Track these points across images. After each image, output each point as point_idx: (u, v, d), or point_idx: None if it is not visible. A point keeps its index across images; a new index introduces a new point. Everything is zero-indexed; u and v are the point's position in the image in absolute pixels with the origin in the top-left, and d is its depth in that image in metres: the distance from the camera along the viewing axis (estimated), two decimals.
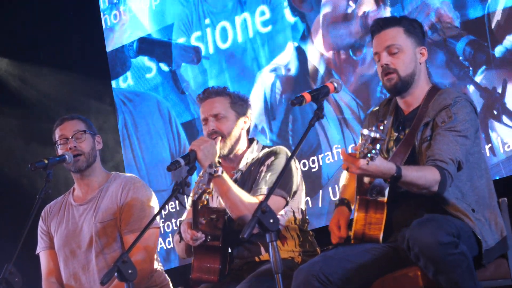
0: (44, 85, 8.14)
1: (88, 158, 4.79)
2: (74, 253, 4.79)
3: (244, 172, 4.50)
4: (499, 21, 5.62)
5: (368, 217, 3.82)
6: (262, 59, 6.80)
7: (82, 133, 4.81)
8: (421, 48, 4.00)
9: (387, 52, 3.96)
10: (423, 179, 3.64)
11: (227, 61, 7.02)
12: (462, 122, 3.80)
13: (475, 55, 5.68)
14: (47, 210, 5.00)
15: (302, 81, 6.53)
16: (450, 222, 3.61)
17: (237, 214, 4.24)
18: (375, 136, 3.33)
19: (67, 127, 4.83)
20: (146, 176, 7.43)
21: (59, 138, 4.83)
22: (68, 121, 4.86)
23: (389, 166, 3.57)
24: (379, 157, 3.48)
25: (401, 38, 3.97)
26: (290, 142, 6.54)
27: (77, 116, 4.92)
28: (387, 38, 3.97)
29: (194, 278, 4.32)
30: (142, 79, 7.61)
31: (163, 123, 7.42)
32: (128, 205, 4.74)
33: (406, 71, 3.94)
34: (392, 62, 3.94)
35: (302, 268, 3.78)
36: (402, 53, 3.95)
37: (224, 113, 4.50)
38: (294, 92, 6.53)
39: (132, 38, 7.65)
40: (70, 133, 4.80)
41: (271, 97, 6.71)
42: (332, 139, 6.35)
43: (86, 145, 4.80)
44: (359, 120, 6.20)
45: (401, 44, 3.96)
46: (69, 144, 4.77)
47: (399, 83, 3.94)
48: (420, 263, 3.53)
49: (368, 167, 3.46)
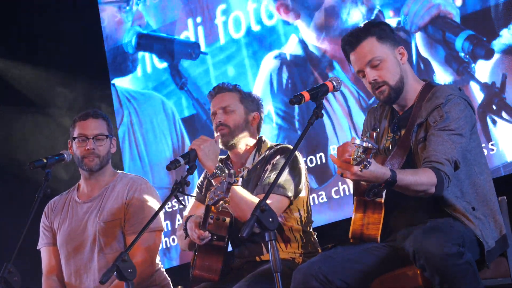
0: (42, 83, 8.14)
1: (102, 161, 4.76)
2: (77, 250, 4.76)
3: (251, 169, 4.49)
4: (498, 16, 5.61)
5: (366, 217, 3.83)
6: (263, 50, 6.80)
7: (104, 138, 4.75)
8: (398, 48, 3.94)
9: (370, 66, 3.89)
10: (419, 182, 3.62)
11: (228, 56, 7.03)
12: (456, 120, 3.76)
13: (474, 50, 5.67)
14: (50, 205, 4.96)
15: (307, 67, 6.52)
16: (454, 230, 3.58)
17: (242, 217, 4.23)
18: (367, 146, 3.33)
19: (90, 125, 4.73)
20: (150, 172, 7.43)
21: (79, 136, 4.74)
22: (93, 119, 4.76)
23: (383, 171, 3.54)
24: (374, 163, 3.48)
25: (378, 48, 3.90)
26: (297, 126, 6.53)
27: (102, 115, 4.80)
28: (364, 53, 3.90)
29: (195, 276, 4.32)
30: (142, 76, 7.60)
31: (167, 123, 7.42)
32: (132, 206, 4.71)
33: (394, 78, 3.89)
34: (379, 75, 3.89)
35: (301, 268, 3.77)
36: (385, 63, 3.89)
37: (232, 107, 4.50)
38: (300, 76, 6.52)
39: (132, 35, 7.66)
40: (91, 134, 4.71)
41: (277, 81, 6.69)
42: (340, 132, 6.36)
43: (104, 149, 4.75)
44: (363, 108, 6.19)
45: (380, 55, 3.89)
46: (88, 145, 4.70)
47: (392, 93, 3.90)
48: (426, 273, 3.51)
49: (362, 173, 3.44)
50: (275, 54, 6.73)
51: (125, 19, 7.72)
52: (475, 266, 3.54)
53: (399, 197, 3.82)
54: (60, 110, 7.96)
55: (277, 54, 6.72)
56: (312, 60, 6.51)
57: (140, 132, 7.57)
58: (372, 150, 3.33)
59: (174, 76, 7.35)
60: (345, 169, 3.46)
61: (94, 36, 7.88)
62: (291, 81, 6.63)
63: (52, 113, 7.95)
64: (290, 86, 6.63)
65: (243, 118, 4.52)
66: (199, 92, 7.19)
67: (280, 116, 6.61)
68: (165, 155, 7.36)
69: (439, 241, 3.47)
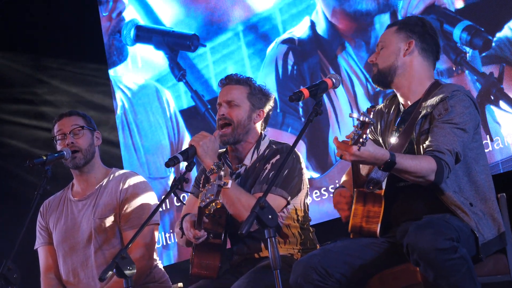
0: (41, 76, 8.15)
1: (86, 155, 4.77)
2: (73, 249, 4.78)
3: (249, 167, 4.47)
4: (496, 6, 5.60)
5: (366, 210, 3.84)
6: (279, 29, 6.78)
7: (80, 129, 4.79)
8: (408, 42, 4.06)
9: (377, 49, 4.14)
10: (419, 167, 3.65)
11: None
12: (460, 115, 3.80)
13: (471, 40, 5.66)
14: (45, 205, 4.99)
15: (314, 53, 6.50)
16: (449, 225, 3.60)
17: (239, 215, 4.22)
18: (364, 119, 3.34)
19: (65, 122, 4.81)
20: (145, 163, 7.43)
21: (57, 134, 4.81)
22: (67, 116, 4.84)
23: (382, 152, 3.57)
24: (372, 143, 3.52)
25: (390, 35, 4.11)
26: (301, 113, 6.51)
27: (75, 112, 4.89)
28: (380, 38, 4.14)
29: (193, 274, 4.32)
30: (140, 67, 7.58)
31: (162, 111, 7.41)
32: (127, 201, 4.74)
33: (384, 64, 4.07)
34: (376, 57, 4.11)
35: (301, 261, 3.79)
36: (385, 50, 4.10)
37: (238, 102, 4.47)
38: (306, 63, 6.51)
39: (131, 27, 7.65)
40: (68, 128, 4.78)
41: (283, 67, 6.67)
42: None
43: (84, 141, 4.78)
44: (369, 96, 6.19)
45: (386, 42, 4.10)
46: (67, 140, 4.75)
47: (377, 75, 4.09)
48: (420, 268, 3.54)
49: (360, 153, 3.47)
50: (283, 38, 6.70)
51: (102, 12, 7.72)
52: (470, 261, 3.56)
53: (398, 191, 3.84)
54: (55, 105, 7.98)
55: (286, 38, 6.69)
56: (322, 44, 6.48)
57: (135, 122, 7.56)
58: (369, 124, 3.35)
59: (172, 68, 7.34)
60: (344, 149, 3.49)
61: (92, 27, 7.86)
62: (297, 67, 6.61)
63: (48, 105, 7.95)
64: (295, 72, 6.61)
65: (247, 114, 4.48)
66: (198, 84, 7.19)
67: (285, 102, 6.59)
68: (161, 144, 7.35)
69: (432, 236, 3.49)
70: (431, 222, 3.60)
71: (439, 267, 3.48)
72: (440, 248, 3.46)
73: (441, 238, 3.48)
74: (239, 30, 6.93)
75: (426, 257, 3.48)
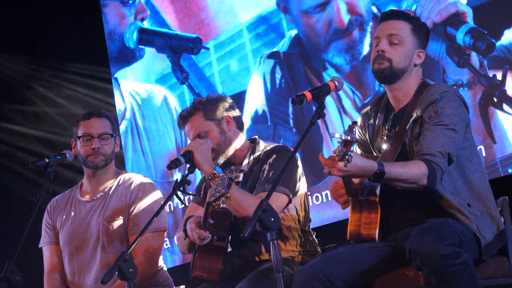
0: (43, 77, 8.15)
1: (107, 159, 4.76)
2: (80, 249, 4.75)
3: (246, 172, 4.47)
4: (499, 9, 5.60)
5: (362, 217, 3.85)
6: (260, 47, 6.80)
7: (109, 136, 4.76)
8: (420, 50, 3.99)
9: (388, 40, 3.96)
10: (409, 173, 3.62)
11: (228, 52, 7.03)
12: (449, 116, 3.78)
13: (475, 43, 5.66)
14: (53, 204, 4.95)
15: (300, 65, 6.51)
16: (452, 230, 3.59)
17: (246, 216, 4.21)
18: (346, 138, 3.33)
19: (94, 125, 4.75)
20: (153, 166, 7.45)
21: (83, 135, 4.74)
22: (96, 118, 4.77)
23: (370, 164, 3.54)
24: (358, 156, 3.50)
25: (406, 32, 3.97)
26: (291, 124, 6.53)
27: (105, 114, 4.81)
28: (393, 27, 3.98)
29: (195, 277, 4.32)
30: (143, 70, 7.60)
31: (170, 116, 7.42)
32: (136, 206, 4.71)
33: (398, 64, 3.93)
34: (389, 51, 3.94)
35: (303, 269, 3.78)
36: (402, 47, 3.95)
37: (203, 129, 4.44)
38: (293, 75, 6.52)
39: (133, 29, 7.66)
40: (96, 133, 4.72)
41: (271, 81, 6.69)
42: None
43: (109, 148, 4.76)
44: (357, 108, 6.19)
45: (403, 37, 3.96)
46: (93, 144, 4.71)
47: (387, 71, 3.93)
48: (423, 273, 3.53)
49: (348, 168, 3.44)
50: (269, 53, 6.72)
51: (127, 13, 7.71)
52: (472, 266, 3.55)
53: (396, 195, 3.83)
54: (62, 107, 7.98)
55: (271, 53, 6.71)
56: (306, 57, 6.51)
57: (143, 126, 7.57)
58: (352, 142, 3.34)
59: (175, 71, 7.34)
60: (331, 166, 3.47)
61: (96, 30, 7.86)
62: (285, 80, 6.64)
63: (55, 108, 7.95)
64: (283, 85, 6.63)
65: (219, 134, 4.46)
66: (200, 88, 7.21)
67: (276, 116, 6.62)
68: (168, 149, 7.36)
69: (434, 242, 3.48)
70: (434, 227, 3.59)
71: (441, 272, 3.47)
72: (443, 254, 3.45)
73: (444, 243, 3.47)
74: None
75: (428, 262, 3.47)
